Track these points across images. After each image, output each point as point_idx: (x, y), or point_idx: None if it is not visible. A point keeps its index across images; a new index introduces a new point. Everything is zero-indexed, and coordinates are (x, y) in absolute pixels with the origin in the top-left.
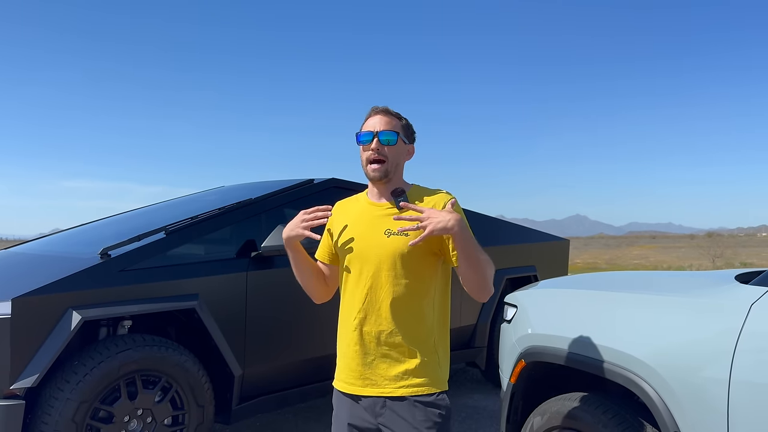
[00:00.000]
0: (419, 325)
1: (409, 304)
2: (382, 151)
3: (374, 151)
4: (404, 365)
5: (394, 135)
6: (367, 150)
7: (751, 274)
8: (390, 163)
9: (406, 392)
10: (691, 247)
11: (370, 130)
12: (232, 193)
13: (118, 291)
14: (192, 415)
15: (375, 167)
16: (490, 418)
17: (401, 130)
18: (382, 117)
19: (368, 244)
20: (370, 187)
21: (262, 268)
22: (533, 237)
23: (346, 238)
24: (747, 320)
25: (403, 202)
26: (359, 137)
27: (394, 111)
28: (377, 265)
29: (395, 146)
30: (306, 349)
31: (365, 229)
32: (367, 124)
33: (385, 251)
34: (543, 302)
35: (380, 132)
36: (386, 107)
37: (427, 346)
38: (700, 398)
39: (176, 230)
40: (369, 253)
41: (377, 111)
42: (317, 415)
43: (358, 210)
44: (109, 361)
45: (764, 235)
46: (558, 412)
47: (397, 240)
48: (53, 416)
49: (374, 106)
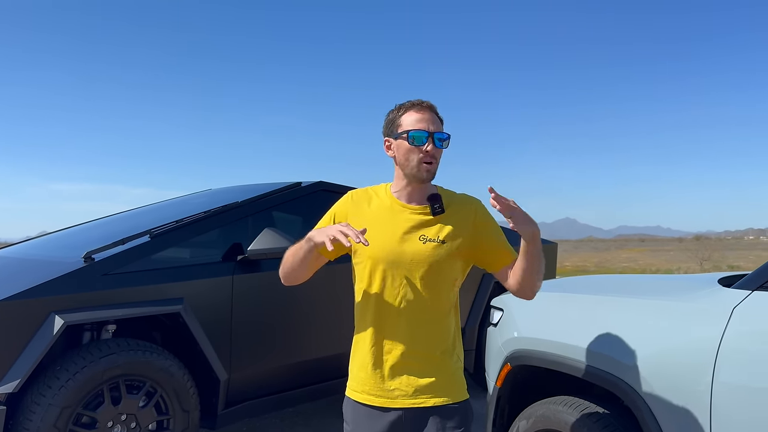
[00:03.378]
0: (447, 333)
1: (440, 313)
2: (436, 154)
3: (428, 154)
4: (434, 375)
5: (447, 137)
6: (419, 150)
7: (735, 278)
8: (437, 164)
9: (437, 402)
10: (680, 250)
11: (425, 129)
12: (219, 196)
13: (101, 295)
14: (177, 420)
15: (428, 167)
16: (477, 421)
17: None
18: (433, 116)
19: (402, 248)
20: (402, 187)
21: (249, 271)
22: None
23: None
24: (729, 324)
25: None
26: (412, 135)
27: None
28: (412, 271)
29: (443, 149)
30: (292, 353)
31: (396, 231)
32: (417, 120)
33: (421, 258)
34: (529, 306)
35: (435, 133)
36: (431, 104)
37: (452, 355)
38: (683, 401)
39: (161, 233)
40: (402, 259)
41: (426, 106)
42: (304, 420)
43: (383, 208)
44: (93, 366)
45: (751, 239)
46: (543, 415)
47: (434, 247)
48: (35, 422)
49: (419, 100)
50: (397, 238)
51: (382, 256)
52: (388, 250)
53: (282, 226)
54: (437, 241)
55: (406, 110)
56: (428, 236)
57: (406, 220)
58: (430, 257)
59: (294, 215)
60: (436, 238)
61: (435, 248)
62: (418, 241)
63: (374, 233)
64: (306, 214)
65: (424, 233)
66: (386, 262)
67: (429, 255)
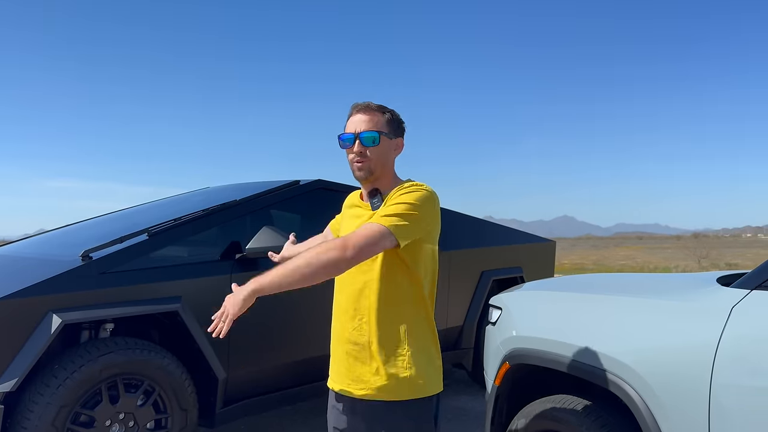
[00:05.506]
0: (395, 325)
1: (388, 304)
2: (365, 153)
3: (357, 154)
4: (372, 368)
5: (375, 134)
6: (349, 152)
7: (733, 277)
8: (374, 162)
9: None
10: (678, 248)
11: (351, 131)
12: (217, 194)
13: (99, 294)
14: (175, 419)
15: (359, 166)
16: (476, 419)
17: (385, 125)
18: (362, 115)
19: None
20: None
21: (247, 270)
22: (520, 238)
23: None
24: (728, 323)
25: (377, 204)
26: (341, 139)
27: (376, 105)
28: (357, 267)
29: (379, 145)
30: (291, 352)
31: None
32: (348, 123)
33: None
34: (528, 304)
35: (361, 133)
36: (367, 103)
37: (402, 347)
38: (682, 401)
39: (159, 232)
40: None
41: (358, 109)
42: (303, 418)
43: (353, 209)
44: (91, 364)
45: (749, 236)
46: (542, 414)
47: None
48: (33, 421)
49: (355, 103)
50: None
51: None
52: None
53: (280, 224)
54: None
55: (347, 118)
56: None
57: (359, 218)
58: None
59: (292, 213)
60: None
61: None
62: None
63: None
64: (304, 212)
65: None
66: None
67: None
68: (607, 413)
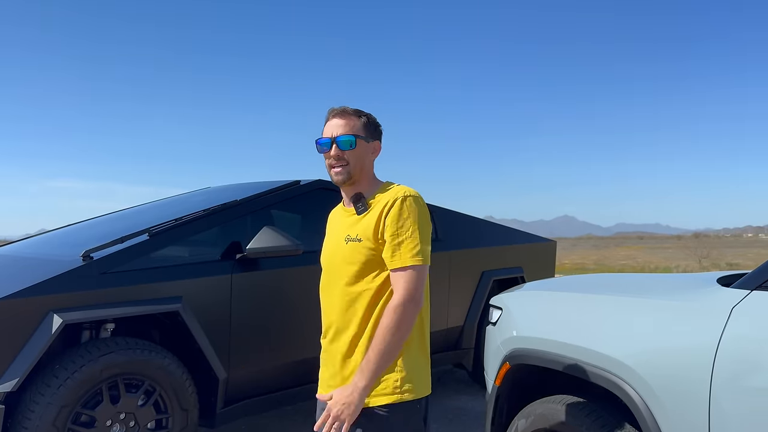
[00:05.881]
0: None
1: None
2: (341, 156)
3: (334, 158)
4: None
5: (351, 138)
6: (326, 157)
7: (733, 277)
8: (352, 165)
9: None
10: (678, 248)
11: (328, 136)
12: (218, 194)
13: (100, 294)
14: (176, 419)
15: (337, 170)
16: (476, 419)
17: (362, 129)
18: (339, 120)
19: (333, 251)
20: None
21: (248, 270)
22: (520, 238)
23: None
24: (728, 323)
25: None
26: (318, 143)
27: (352, 109)
28: (340, 272)
29: (356, 149)
30: (291, 352)
31: (334, 235)
32: (325, 128)
33: (345, 258)
34: (528, 304)
35: (338, 137)
36: (343, 108)
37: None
38: (681, 401)
39: (160, 232)
40: (334, 261)
41: (334, 113)
42: (303, 418)
43: (336, 216)
44: (91, 364)
45: (750, 236)
46: (542, 414)
47: (353, 246)
48: (34, 421)
49: (331, 108)
50: (334, 243)
51: (324, 264)
52: (327, 256)
53: (281, 224)
54: (356, 239)
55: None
56: (351, 236)
57: (343, 224)
58: (351, 256)
59: (293, 213)
60: (356, 236)
61: (354, 247)
62: (343, 243)
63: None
64: (305, 212)
65: (348, 233)
66: (325, 268)
67: (350, 254)
68: (608, 414)
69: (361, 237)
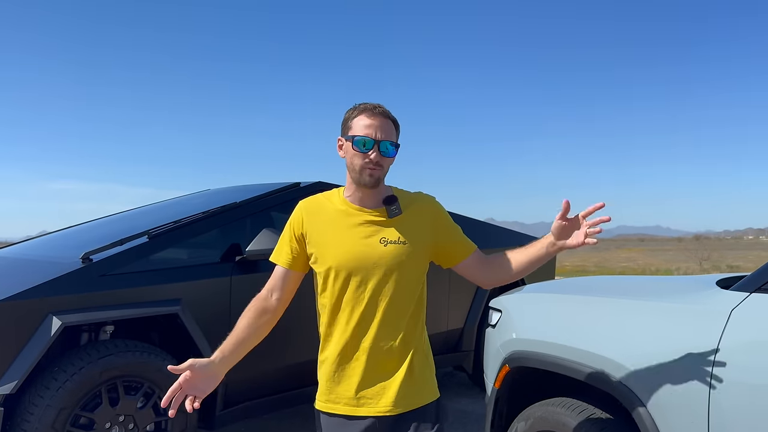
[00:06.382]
0: (414, 333)
1: (407, 314)
2: (379, 162)
3: (372, 161)
4: (405, 380)
5: (394, 148)
6: (363, 156)
7: (733, 279)
8: (384, 171)
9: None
10: (679, 250)
11: (371, 136)
12: (217, 196)
13: (99, 296)
14: (175, 421)
15: (371, 173)
16: (476, 422)
17: (397, 138)
18: (384, 121)
19: (364, 253)
20: (353, 191)
21: (247, 272)
22: (521, 240)
23: (330, 245)
24: (727, 326)
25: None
26: (357, 141)
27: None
28: (376, 275)
29: (392, 158)
30: (290, 355)
31: (355, 236)
32: (366, 125)
33: (384, 261)
34: (527, 307)
35: (382, 142)
36: (387, 110)
37: (421, 353)
38: (681, 403)
39: (159, 234)
40: (365, 263)
41: (379, 112)
42: (302, 421)
43: (338, 214)
44: (91, 367)
45: (750, 238)
46: (541, 417)
47: (395, 248)
48: (33, 423)
49: (374, 106)
50: (358, 243)
51: (344, 263)
52: (351, 256)
53: (280, 226)
54: (399, 242)
55: (359, 113)
56: (389, 239)
57: (364, 224)
58: (392, 259)
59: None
60: (398, 239)
61: (397, 250)
62: (379, 245)
63: (334, 240)
64: None
65: (384, 236)
66: (349, 269)
67: (391, 257)
68: (607, 416)
69: (405, 240)
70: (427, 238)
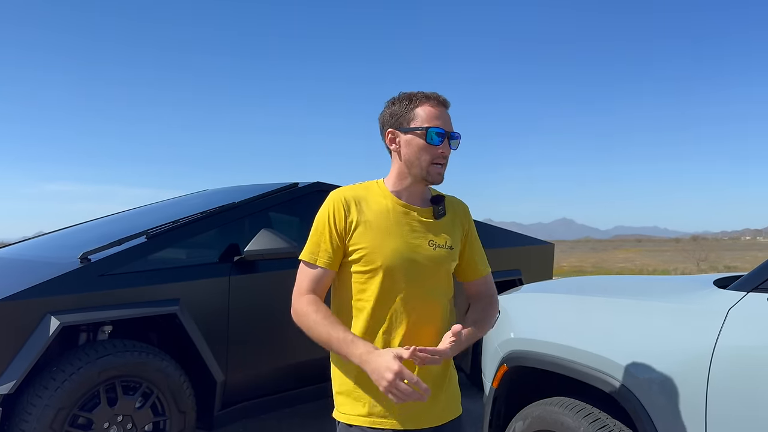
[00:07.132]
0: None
1: (445, 319)
2: (447, 156)
3: (441, 155)
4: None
5: (459, 138)
6: (433, 150)
7: (730, 279)
8: (446, 167)
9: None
10: (676, 251)
11: (443, 128)
12: (216, 196)
13: (97, 296)
14: (173, 421)
15: (439, 169)
16: (474, 422)
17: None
18: (447, 113)
19: (415, 255)
20: (404, 186)
21: (246, 272)
22: (518, 241)
23: (380, 243)
24: (724, 325)
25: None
26: (432, 132)
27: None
28: (423, 279)
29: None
30: (290, 355)
31: (406, 236)
32: (435, 116)
33: (433, 265)
34: (525, 306)
35: (452, 133)
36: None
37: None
38: (678, 402)
39: (158, 234)
40: (415, 266)
41: (444, 101)
42: (301, 420)
43: (385, 210)
44: (89, 367)
45: (748, 239)
46: (540, 416)
47: (443, 253)
48: (31, 423)
49: (436, 94)
50: (408, 244)
51: (394, 263)
52: (401, 256)
53: (279, 226)
54: (446, 247)
55: (421, 102)
56: (437, 242)
57: (414, 224)
58: (440, 264)
59: (291, 216)
60: (445, 244)
61: (444, 254)
62: (428, 248)
63: (385, 238)
64: (303, 214)
65: (432, 239)
66: (398, 271)
67: (440, 262)
68: (605, 415)
69: (451, 245)
70: (459, 245)
